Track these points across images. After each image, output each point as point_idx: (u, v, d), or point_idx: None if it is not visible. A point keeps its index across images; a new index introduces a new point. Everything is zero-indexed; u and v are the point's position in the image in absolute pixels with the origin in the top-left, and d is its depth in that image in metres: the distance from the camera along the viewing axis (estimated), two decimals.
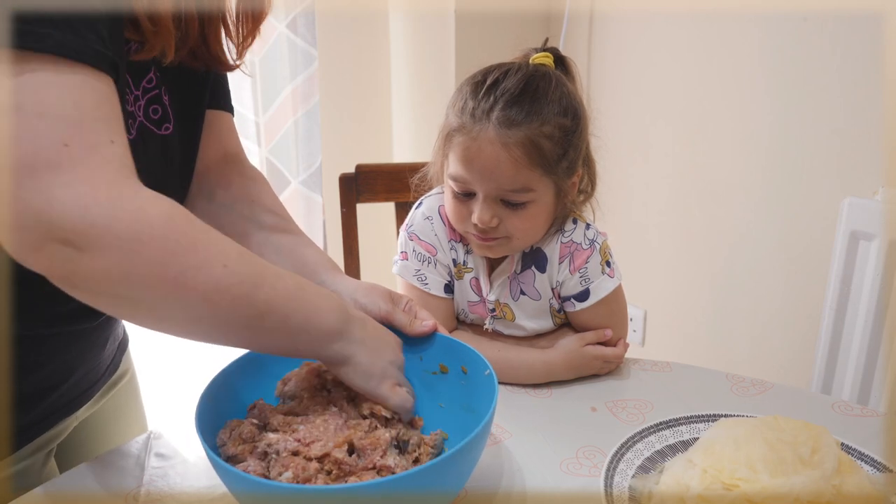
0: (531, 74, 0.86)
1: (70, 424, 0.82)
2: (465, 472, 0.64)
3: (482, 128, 0.84)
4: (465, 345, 0.75)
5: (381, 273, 1.17)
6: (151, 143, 0.73)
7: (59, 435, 0.81)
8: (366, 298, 0.76)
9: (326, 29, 1.92)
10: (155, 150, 0.74)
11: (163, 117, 0.75)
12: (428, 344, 0.76)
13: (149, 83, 0.72)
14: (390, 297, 0.77)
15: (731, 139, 1.57)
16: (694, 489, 0.63)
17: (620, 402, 0.88)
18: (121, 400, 0.91)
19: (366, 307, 0.76)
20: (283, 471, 0.61)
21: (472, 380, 0.73)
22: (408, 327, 0.75)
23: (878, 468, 0.71)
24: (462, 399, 0.73)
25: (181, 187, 0.81)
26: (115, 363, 0.89)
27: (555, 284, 0.95)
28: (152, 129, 0.73)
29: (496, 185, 0.85)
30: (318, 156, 1.89)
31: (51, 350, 0.75)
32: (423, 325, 0.76)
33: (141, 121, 0.72)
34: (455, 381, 0.75)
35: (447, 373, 0.75)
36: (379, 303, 0.76)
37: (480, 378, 0.71)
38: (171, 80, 0.75)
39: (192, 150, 0.81)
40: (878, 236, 1.27)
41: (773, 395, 0.89)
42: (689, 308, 1.77)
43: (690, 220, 1.70)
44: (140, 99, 0.71)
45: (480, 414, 0.66)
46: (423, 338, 0.76)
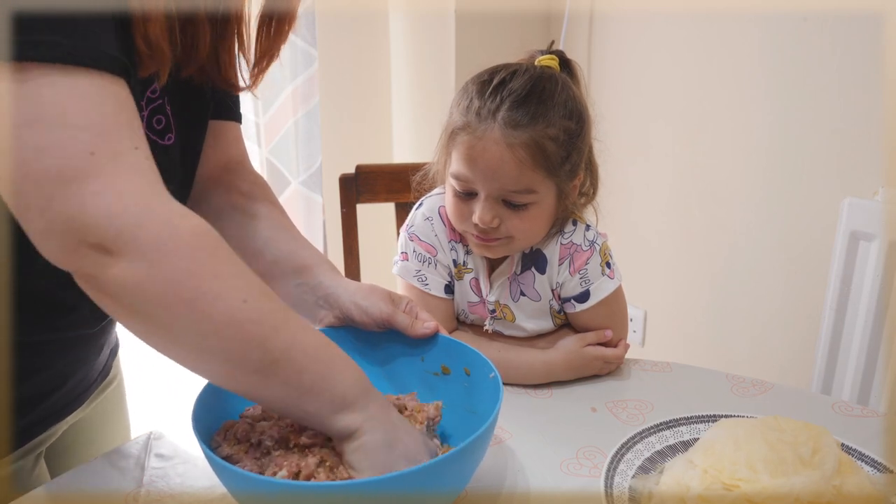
0: (538, 76, 0.86)
1: (60, 428, 0.82)
2: (467, 472, 0.64)
3: (487, 127, 0.84)
4: (467, 346, 0.75)
5: (381, 273, 1.17)
6: (154, 153, 0.73)
7: (50, 438, 0.81)
8: (366, 301, 0.76)
9: (326, 29, 1.92)
10: (158, 161, 0.73)
11: (166, 128, 0.74)
12: (430, 345, 0.76)
13: (153, 93, 0.71)
14: (390, 298, 0.77)
15: (731, 139, 1.57)
16: (694, 489, 0.63)
17: (620, 403, 0.88)
18: (109, 404, 0.91)
19: (367, 310, 0.75)
20: (278, 470, 0.60)
21: (474, 382, 0.73)
22: (409, 329, 0.75)
23: (879, 468, 0.71)
24: (464, 401, 0.73)
25: (180, 198, 0.80)
26: (107, 368, 0.90)
27: (555, 285, 0.95)
28: (155, 139, 0.73)
29: (499, 185, 0.85)
30: (319, 156, 1.89)
31: (50, 355, 0.75)
32: (424, 326, 0.75)
33: (144, 131, 0.71)
34: (457, 382, 0.75)
35: (449, 374, 0.75)
36: (380, 305, 0.75)
37: (484, 380, 0.71)
38: (176, 91, 0.74)
39: (193, 161, 0.80)
40: (878, 237, 1.27)
41: (773, 395, 0.89)
42: (689, 308, 1.76)
43: (690, 221, 1.70)
44: (144, 109, 0.71)
45: (483, 415, 0.65)
46: (425, 339, 0.76)
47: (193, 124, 0.79)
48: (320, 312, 0.78)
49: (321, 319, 0.78)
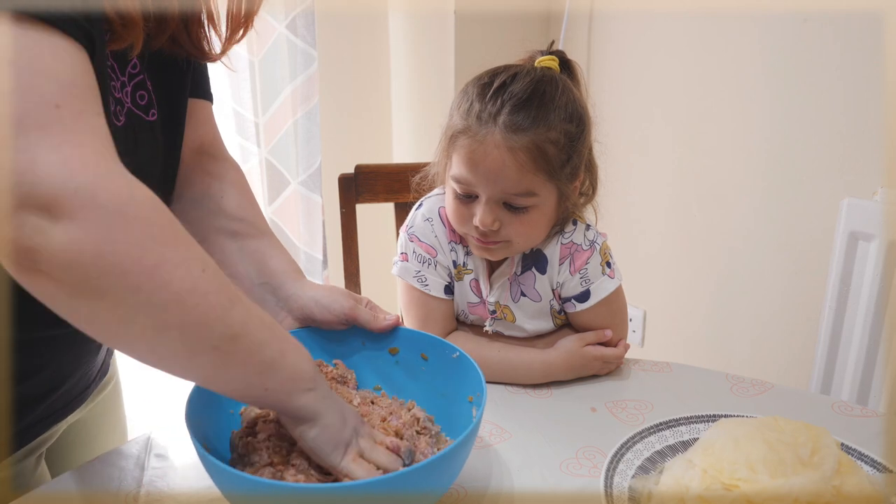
0: (538, 79, 0.86)
1: (60, 428, 0.82)
2: (453, 472, 0.64)
3: (488, 131, 0.84)
4: (427, 334, 0.77)
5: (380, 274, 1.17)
6: (141, 130, 0.72)
7: (51, 438, 0.81)
8: (328, 299, 0.76)
9: (326, 29, 1.92)
10: (144, 138, 0.73)
11: (149, 103, 0.73)
12: (393, 338, 0.78)
13: (133, 69, 0.71)
14: (351, 296, 0.78)
15: (731, 139, 1.57)
16: (694, 490, 0.63)
17: (620, 403, 0.88)
18: (107, 404, 0.91)
19: (328, 306, 0.76)
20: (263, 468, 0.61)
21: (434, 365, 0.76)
22: (372, 322, 0.76)
23: (878, 468, 0.71)
24: (438, 385, 0.75)
25: (168, 177, 0.79)
26: (105, 366, 0.90)
27: (555, 285, 0.95)
28: (141, 115, 0.72)
29: (500, 188, 0.85)
30: (318, 156, 1.89)
31: (52, 353, 0.75)
32: (386, 319, 0.76)
33: (129, 107, 0.70)
34: (428, 369, 0.77)
35: (427, 360, 0.77)
36: (341, 301, 0.76)
37: (448, 361, 0.73)
38: (154, 67, 0.74)
39: (178, 138, 0.79)
40: (878, 237, 1.27)
41: (773, 395, 0.89)
42: (688, 308, 1.77)
43: (689, 220, 1.70)
44: (127, 85, 0.70)
45: (453, 398, 0.68)
46: (388, 332, 0.77)
47: (174, 100, 0.78)
48: (281, 314, 0.79)
49: (282, 321, 0.79)
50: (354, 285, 1.33)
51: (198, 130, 0.85)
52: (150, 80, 0.74)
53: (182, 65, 0.77)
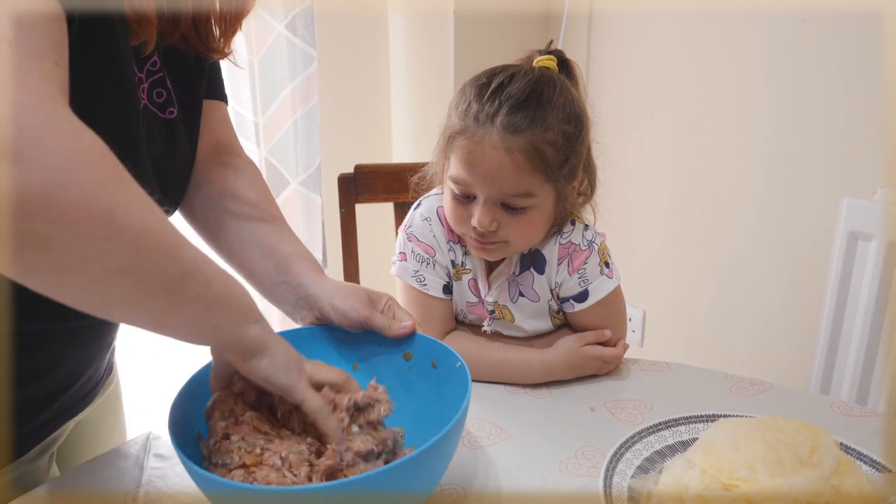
0: (536, 80, 0.86)
1: (69, 426, 0.83)
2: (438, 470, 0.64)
3: (486, 132, 0.84)
4: (439, 342, 0.76)
5: (379, 273, 1.17)
6: (155, 127, 0.73)
7: (61, 437, 0.81)
8: (344, 304, 0.75)
9: (326, 29, 1.92)
10: (159, 135, 0.73)
11: (167, 101, 0.74)
12: (408, 343, 0.77)
13: (153, 66, 0.71)
14: (369, 299, 0.76)
15: (731, 139, 1.57)
16: (693, 489, 0.63)
17: (620, 403, 0.88)
18: (109, 404, 0.92)
19: (345, 313, 0.75)
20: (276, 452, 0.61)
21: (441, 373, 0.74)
22: (387, 330, 0.75)
23: (877, 468, 0.71)
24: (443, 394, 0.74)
25: (185, 174, 0.80)
26: (110, 366, 0.90)
27: (553, 286, 0.95)
28: (156, 112, 0.72)
29: (498, 189, 0.85)
30: (318, 156, 1.89)
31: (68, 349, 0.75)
32: (402, 326, 0.75)
33: (145, 104, 0.71)
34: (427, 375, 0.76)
35: (436, 368, 0.76)
36: (357, 308, 0.75)
37: (452, 370, 0.72)
38: (173, 66, 0.75)
39: (194, 136, 0.80)
40: (877, 237, 1.27)
41: (773, 395, 0.89)
42: (688, 308, 1.77)
43: (689, 220, 1.70)
44: (144, 82, 0.71)
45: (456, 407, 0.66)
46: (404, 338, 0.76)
47: (192, 99, 0.78)
48: (301, 312, 0.79)
49: (303, 318, 0.79)
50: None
51: (215, 130, 0.86)
52: (171, 79, 0.74)
53: (196, 64, 0.78)
